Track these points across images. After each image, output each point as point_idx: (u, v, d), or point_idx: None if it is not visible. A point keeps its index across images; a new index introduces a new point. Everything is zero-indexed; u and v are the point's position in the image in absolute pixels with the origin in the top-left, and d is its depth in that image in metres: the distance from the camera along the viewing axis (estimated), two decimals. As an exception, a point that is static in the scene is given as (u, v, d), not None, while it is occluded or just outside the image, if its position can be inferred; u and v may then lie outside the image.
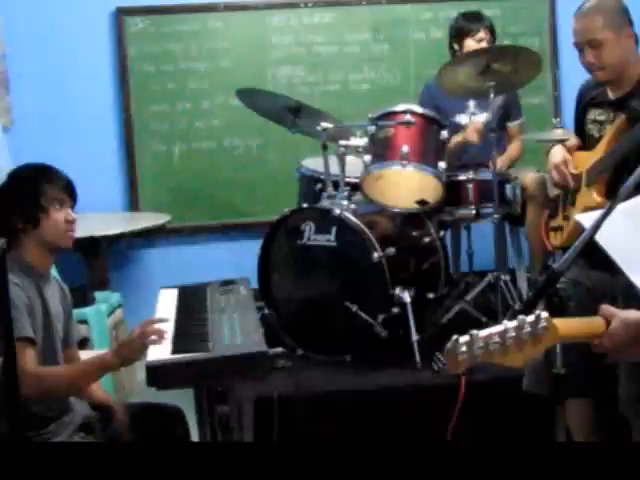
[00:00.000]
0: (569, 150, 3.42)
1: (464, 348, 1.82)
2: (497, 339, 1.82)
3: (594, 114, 3.32)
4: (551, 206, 3.51)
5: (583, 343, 2.00)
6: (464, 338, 1.82)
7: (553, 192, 3.52)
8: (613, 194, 2.95)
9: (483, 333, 1.83)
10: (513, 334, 1.82)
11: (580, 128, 3.41)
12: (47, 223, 2.89)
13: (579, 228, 3.13)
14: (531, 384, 3.11)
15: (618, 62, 3.18)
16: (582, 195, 3.28)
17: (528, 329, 1.82)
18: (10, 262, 2.55)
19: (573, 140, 3.47)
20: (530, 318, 1.82)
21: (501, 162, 4.57)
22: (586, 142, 3.36)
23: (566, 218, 3.38)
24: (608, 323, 1.94)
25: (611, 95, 3.26)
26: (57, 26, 5.50)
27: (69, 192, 2.97)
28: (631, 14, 3.29)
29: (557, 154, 3.41)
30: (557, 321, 1.85)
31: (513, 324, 1.83)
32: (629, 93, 3.20)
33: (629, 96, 3.19)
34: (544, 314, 1.83)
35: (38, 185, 2.91)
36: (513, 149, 4.89)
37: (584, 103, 3.39)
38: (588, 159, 3.29)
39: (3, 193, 2.97)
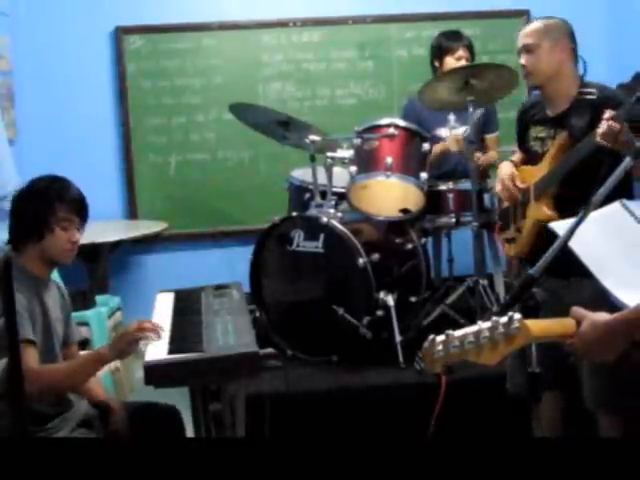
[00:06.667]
0: (516, 165, 3.47)
1: (440, 347, 1.89)
2: (472, 339, 1.87)
3: (535, 131, 3.35)
4: (502, 218, 3.55)
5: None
6: (440, 338, 1.89)
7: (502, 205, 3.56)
8: (562, 208, 3.10)
9: (458, 333, 1.88)
10: (487, 334, 1.86)
11: (523, 144, 3.45)
12: (50, 240, 2.90)
13: (531, 239, 3.27)
14: (513, 386, 3.22)
15: (548, 70, 3.22)
16: (532, 209, 3.31)
17: (501, 329, 1.85)
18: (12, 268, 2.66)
19: (518, 155, 3.52)
20: (503, 319, 1.85)
21: (481, 159, 4.65)
22: (530, 157, 3.40)
23: (518, 230, 3.40)
24: (579, 324, 1.94)
25: (549, 112, 3.28)
26: (60, 44, 5.60)
27: (79, 213, 2.96)
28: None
29: (504, 169, 3.45)
30: (529, 322, 1.86)
31: (487, 325, 1.86)
32: (566, 110, 3.22)
33: (567, 113, 3.22)
34: (517, 315, 1.85)
35: (49, 203, 2.90)
36: (491, 154, 4.91)
37: (525, 121, 3.41)
38: (534, 173, 3.32)
39: (20, 199, 2.97)
